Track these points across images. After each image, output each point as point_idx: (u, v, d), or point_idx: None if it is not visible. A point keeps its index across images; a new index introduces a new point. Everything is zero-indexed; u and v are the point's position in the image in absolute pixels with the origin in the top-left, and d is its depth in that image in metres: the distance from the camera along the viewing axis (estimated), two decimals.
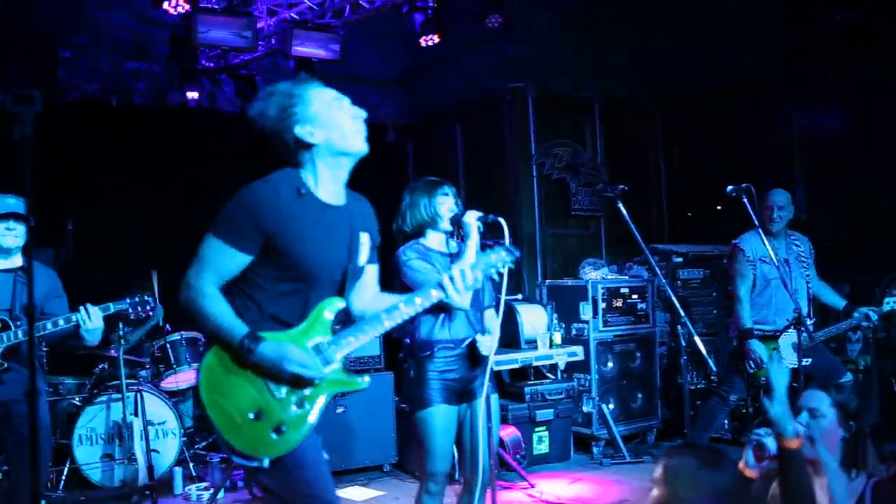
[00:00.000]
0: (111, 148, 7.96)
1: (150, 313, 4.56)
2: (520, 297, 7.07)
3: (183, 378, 6.62)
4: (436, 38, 6.50)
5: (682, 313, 4.19)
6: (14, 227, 4.30)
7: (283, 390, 2.64)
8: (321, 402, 2.68)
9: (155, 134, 8.20)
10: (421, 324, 3.80)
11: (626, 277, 7.09)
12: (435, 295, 2.85)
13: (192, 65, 7.27)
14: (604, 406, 6.62)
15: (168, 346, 6.68)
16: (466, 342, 3.79)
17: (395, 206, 3.90)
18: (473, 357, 3.80)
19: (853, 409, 3.04)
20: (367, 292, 2.97)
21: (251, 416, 2.60)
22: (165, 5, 5.78)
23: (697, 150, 8.31)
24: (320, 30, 6.75)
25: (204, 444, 6.74)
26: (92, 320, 4.22)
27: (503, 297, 3.52)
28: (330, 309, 2.74)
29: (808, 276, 5.53)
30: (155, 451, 6.04)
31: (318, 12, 6.91)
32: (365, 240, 2.88)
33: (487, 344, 3.73)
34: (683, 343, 4.30)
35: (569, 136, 8.01)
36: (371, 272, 2.98)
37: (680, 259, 7.09)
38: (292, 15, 7.01)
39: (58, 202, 6.07)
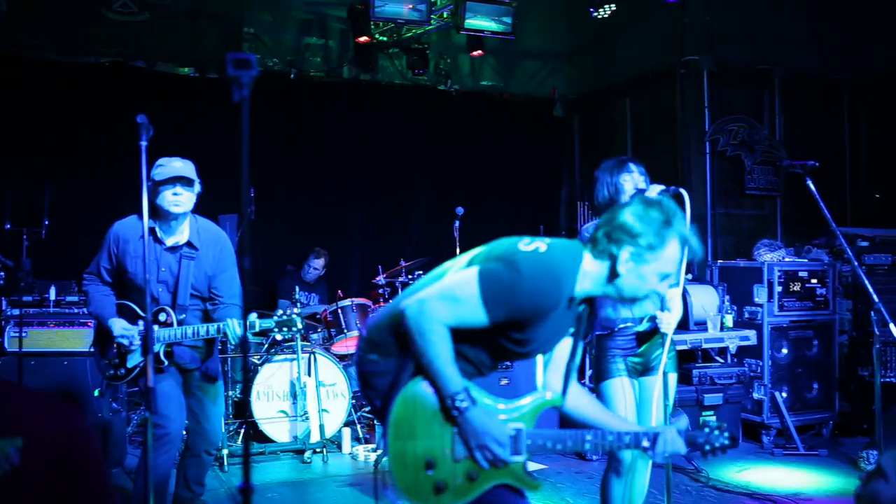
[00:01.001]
0: (287, 121, 8.32)
1: (294, 335, 4.39)
2: (689, 277, 6.86)
3: (353, 342, 6.88)
4: (612, 8, 6.36)
5: (877, 299, 3.94)
6: (181, 192, 3.98)
7: (464, 455, 2.54)
8: (487, 484, 2.58)
9: (329, 107, 8.52)
10: (603, 303, 3.78)
11: (805, 261, 6.74)
12: (628, 445, 2.69)
13: (366, 39, 7.42)
14: (776, 394, 6.35)
15: (340, 311, 6.96)
16: (646, 319, 3.76)
17: (558, 180, 3.84)
18: (654, 333, 3.76)
19: None
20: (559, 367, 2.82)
21: (423, 462, 2.53)
22: None
23: (888, 128, 7.75)
24: (493, 2, 6.75)
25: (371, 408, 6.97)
26: (237, 335, 4.01)
27: (683, 278, 3.46)
28: (542, 403, 2.67)
29: None
30: (325, 410, 6.32)
31: None
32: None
33: (668, 321, 3.68)
34: (877, 331, 4.03)
35: (746, 112, 7.67)
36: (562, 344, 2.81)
37: (866, 243, 6.66)
38: None
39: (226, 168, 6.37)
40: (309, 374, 6.28)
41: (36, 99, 7.34)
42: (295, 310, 4.27)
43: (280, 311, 4.25)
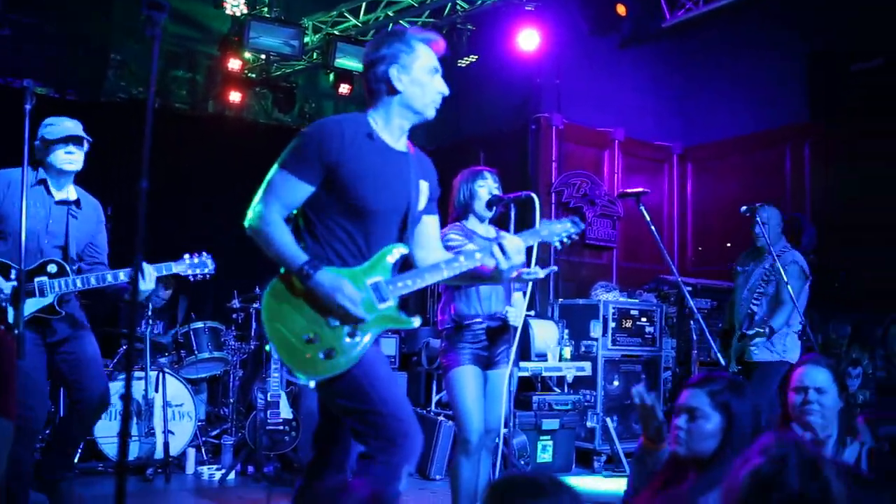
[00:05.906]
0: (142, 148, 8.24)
1: (209, 275, 4.27)
2: (532, 313, 7.29)
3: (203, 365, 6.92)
4: (473, 58, 6.87)
5: (703, 324, 4.39)
6: (73, 150, 4.03)
7: (337, 321, 2.74)
8: (371, 334, 2.79)
9: (190, 138, 8.52)
10: (455, 298, 4.07)
11: (637, 301, 7.33)
12: (482, 257, 2.98)
13: (238, 66, 7.58)
14: (608, 421, 6.81)
15: (191, 333, 6.91)
16: (496, 315, 4.06)
17: None
18: (501, 330, 4.06)
19: (844, 380, 3.22)
20: (429, 244, 3.05)
21: (305, 338, 2.71)
22: (227, 5, 6.14)
23: (713, 187, 8.66)
24: (363, 45, 7.12)
25: (216, 432, 6.91)
26: (146, 280, 3.95)
27: (534, 274, 3.77)
28: (393, 253, 2.86)
29: (760, 292, 5.81)
30: (171, 431, 6.23)
31: (361, 30, 7.30)
32: (424, 187, 2.98)
33: (515, 315, 4.01)
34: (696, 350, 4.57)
35: (588, 168, 8.33)
36: (431, 223, 3.06)
37: (689, 289, 7.32)
38: (336, 31, 7.41)
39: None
40: (157, 391, 6.19)
41: None
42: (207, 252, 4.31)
43: (187, 255, 4.24)
